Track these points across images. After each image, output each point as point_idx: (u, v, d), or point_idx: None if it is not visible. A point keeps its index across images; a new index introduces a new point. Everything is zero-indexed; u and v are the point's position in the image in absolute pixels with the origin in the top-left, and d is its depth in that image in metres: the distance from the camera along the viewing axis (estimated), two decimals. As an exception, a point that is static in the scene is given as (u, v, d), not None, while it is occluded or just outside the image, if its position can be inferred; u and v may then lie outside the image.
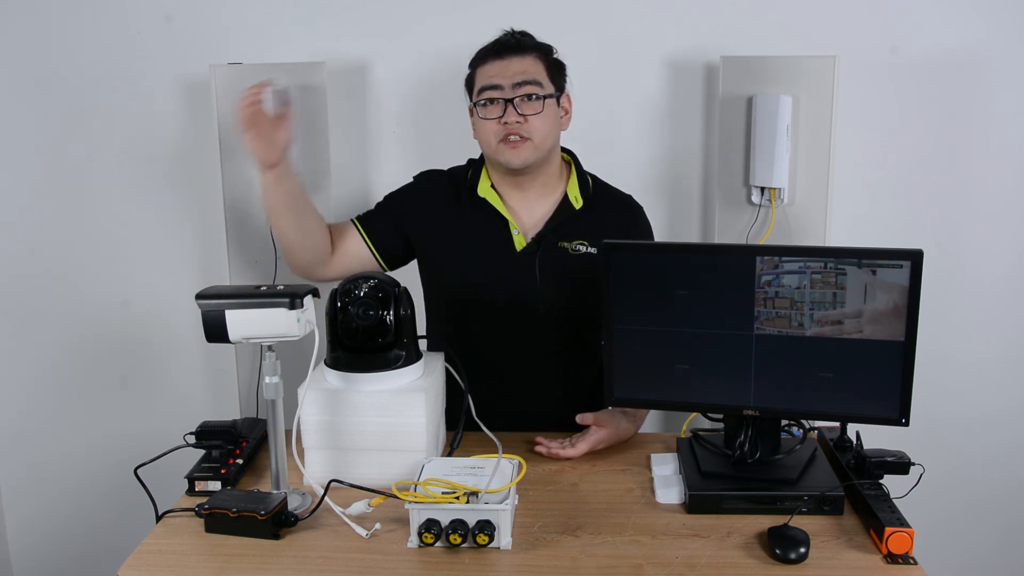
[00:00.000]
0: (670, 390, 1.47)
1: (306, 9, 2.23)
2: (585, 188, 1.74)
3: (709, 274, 1.40)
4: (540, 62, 1.67)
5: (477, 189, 1.74)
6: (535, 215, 1.73)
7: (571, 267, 1.70)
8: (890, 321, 1.32)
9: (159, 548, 1.31)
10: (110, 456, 2.46)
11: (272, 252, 2.18)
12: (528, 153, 1.64)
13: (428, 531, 1.26)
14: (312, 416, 1.45)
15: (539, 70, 1.65)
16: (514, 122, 1.62)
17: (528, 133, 1.63)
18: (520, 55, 1.65)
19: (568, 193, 1.73)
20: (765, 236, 2.11)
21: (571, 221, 1.71)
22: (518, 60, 1.65)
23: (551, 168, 1.73)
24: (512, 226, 1.72)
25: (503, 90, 1.63)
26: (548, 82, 1.66)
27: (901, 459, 1.44)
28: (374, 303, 1.46)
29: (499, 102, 1.63)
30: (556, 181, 1.75)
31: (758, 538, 1.30)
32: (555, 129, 1.68)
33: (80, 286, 2.39)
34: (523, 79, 1.63)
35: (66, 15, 2.25)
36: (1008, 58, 2.15)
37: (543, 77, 1.65)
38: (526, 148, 1.64)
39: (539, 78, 1.64)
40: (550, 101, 1.65)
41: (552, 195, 1.74)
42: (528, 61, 1.65)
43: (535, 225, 1.73)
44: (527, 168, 1.67)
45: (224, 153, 2.14)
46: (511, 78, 1.63)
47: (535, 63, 1.66)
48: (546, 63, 1.68)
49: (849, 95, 2.11)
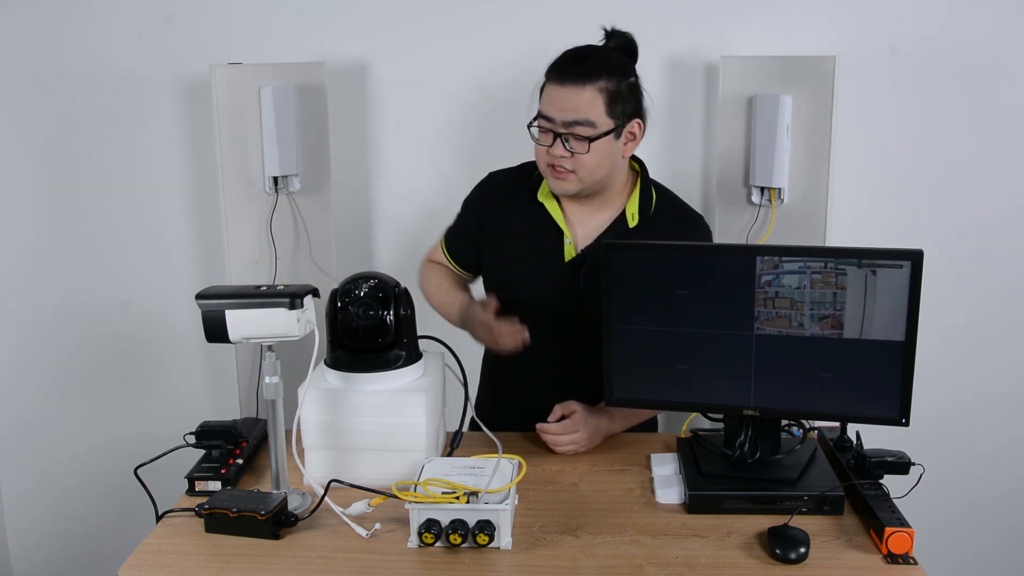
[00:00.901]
0: (670, 390, 1.47)
1: (306, 9, 2.23)
2: (646, 205, 1.69)
3: (709, 274, 1.40)
4: (600, 96, 1.55)
5: (537, 193, 1.71)
6: (589, 228, 1.70)
7: None
8: (890, 321, 1.32)
9: (159, 548, 1.31)
10: (110, 456, 2.46)
11: (272, 252, 2.19)
12: (571, 185, 1.61)
13: (428, 531, 1.26)
14: (312, 416, 1.45)
15: (596, 106, 1.55)
16: (559, 156, 1.58)
17: (574, 167, 1.58)
18: (580, 86, 1.54)
19: (627, 209, 1.69)
20: (765, 236, 2.11)
21: (623, 238, 1.66)
22: (576, 93, 1.55)
23: (612, 189, 1.68)
24: (566, 235, 1.69)
25: (555, 123, 1.56)
26: (605, 118, 1.56)
27: (901, 459, 1.44)
28: (374, 303, 1.46)
29: (549, 133, 1.58)
30: (618, 196, 1.70)
31: (758, 538, 1.30)
32: (606, 162, 1.60)
33: (80, 286, 2.39)
34: (575, 118, 1.55)
35: (66, 15, 2.25)
36: (1008, 58, 2.16)
37: (599, 115, 1.55)
38: (570, 181, 1.60)
39: (593, 117, 1.55)
40: (603, 139, 1.57)
41: (610, 209, 1.70)
42: (587, 96, 1.55)
43: (587, 238, 1.69)
44: (576, 195, 1.66)
45: (224, 153, 2.14)
46: (564, 113, 1.55)
47: (594, 98, 1.55)
48: (608, 96, 1.56)
49: (849, 95, 2.11)
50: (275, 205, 2.17)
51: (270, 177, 2.15)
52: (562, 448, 1.60)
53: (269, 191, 2.17)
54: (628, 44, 1.65)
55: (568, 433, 1.60)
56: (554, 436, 1.59)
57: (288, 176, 2.16)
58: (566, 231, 1.69)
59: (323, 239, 2.22)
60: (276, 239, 2.18)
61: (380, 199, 2.34)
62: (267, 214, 2.17)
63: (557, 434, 1.59)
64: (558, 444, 1.60)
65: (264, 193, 2.17)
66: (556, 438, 1.59)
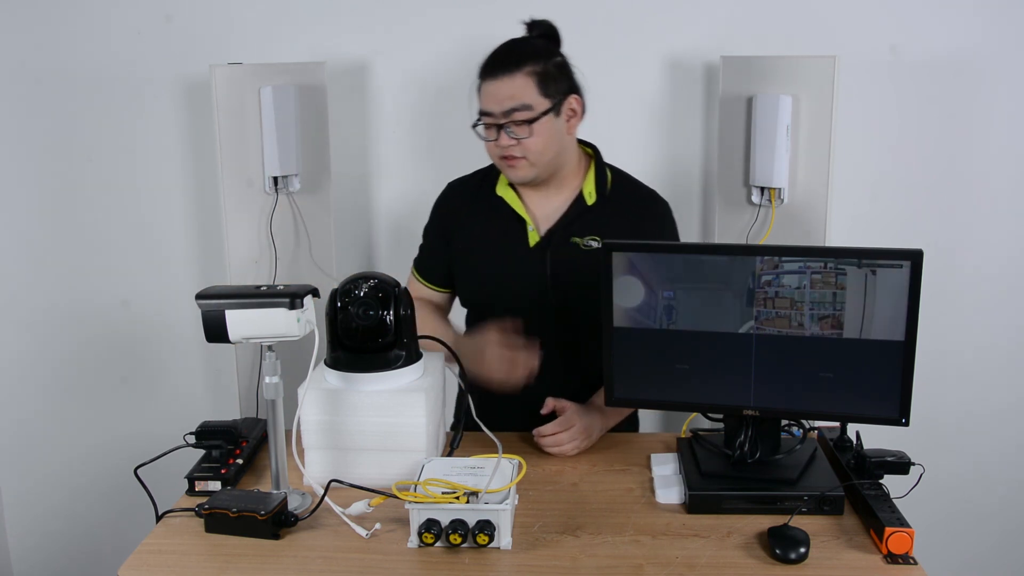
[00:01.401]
0: (670, 390, 1.47)
1: (306, 9, 2.23)
2: (602, 183, 1.74)
3: (709, 274, 1.40)
4: (532, 79, 1.62)
5: (496, 188, 1.77)
6: (549, 211, 1.75)
7: (582, 263, 1.70)
8: (890, 321, 1.32)
9: (159, 548, 1.31)
10: (110, 456, 2.46)
11: (272, 252, 2.19)
12: (525, 171, 1.67)
13: (428, 531, 1.26)
14: (312, 416, 1.45)
15: (529, 90, 1.62)
16: (507, 145, 1.65)
17: (522, 153, 1.64)
18: (511, 73, 1.62)
19: (583, 189, 1.74)
20: (765, 236, 2.11)
21: (583, 217, 1.72)
22: (508, 82, 1.62)
23: (565, 170, 1.73)
24: (528, 223, 1.74)
25: (495, 116, 1.64)
26: (541, 99, 1.62)
27: (901, 459, 1.44)
28: (374, 303, 1.46)
29: (492, 128, 1.66)
30: (573, 177, 1.75)
31: (758, 538, 1.30)
32: (554, 141, 1.66)
33: (80, 286, 2.39)
34: (511, 105, 1.61)
35: (66, 15, 2.25)
36: (1008, 59, 2.16)
37: (534, 97, 1.62)
38: (523, 167, 1.67)
39: (528, 100, 1.61)
40: (543, 119, 1.63)
41: (567, 190, 1.75)
42: (518, 82, 1.62)
43: (548, 220, 1.74)
44: (532, 181, 1.70)
45: (224, 153, 2.14)
46: (500, 104, 1.62)
47: (525, 82, 1.62)
48: (539, 78, 1.63)
49: (849, 95, 2.11)
50: (275, 205, 2.17)
51: (270, 177, 2.15)
52: (563, 448, 1.60)
53: (269, 191, 2.17)
54: (549, 30, 1.72)
55: (566, 430, 1.60)
56: (554, 437, 1.59)
57: (288, 176, 2.16)
58: (527, 218, 1.74)
59: (323, 239, 2.22)
60: (276, 239, 2.18)
61: (380, 199, 2.34)
62: (267, 214, 2.17)
63: (556, 433, 1.60)
64: (560, 444, 1.60)
65: (264, 193, 2.17)
66: (557, 438, 1.59)
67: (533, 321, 1.72)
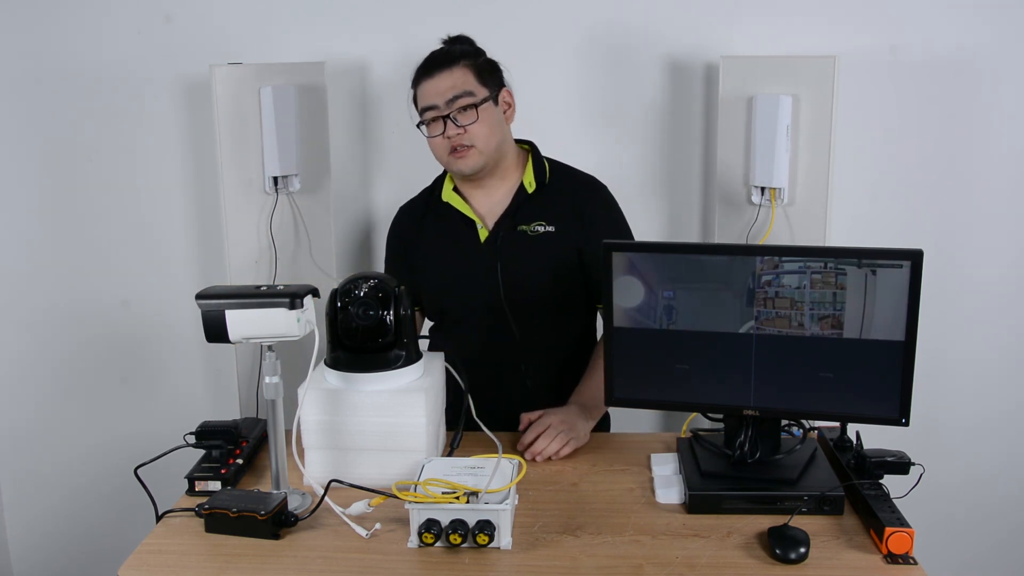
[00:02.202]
0: (670, 390, 1.47)
1: (306, 9, 2.23)
2: (540, 173, 1.81)
3: (709, 274, 1.40)
4: (469, 71, 1.73)
5: (441, 195, 1.83)
6: (494, 207, 1.81)
7: (532, 248, 1.76)
8: (890, 321, 1.32)
9: (159, 548, 1.31)
10: (110, 456, 2.46)
11: (272, 252, 2.19)
12: (475, 159, 1.73)
13: (428, 531, 1.26)
14: (312, 416, 1.45)
15: (468, 79, 1.72)
16: (455, 135, 1.70)
17: (471, 141, 1.71)
18: (449, 68, 1.71)
19: (523, 180, 1.80)
20: (765, 236, 2.11)
21: (527, 204, 1.78)
22: (447, 75, 1.71)
23: (506, 162, 1.80)
24: (477, 222, 1.79)
25: (439, 108, 1.71)
26: (480, 87, 1.72)
27: (901, 459, 1.44)
28: (374, 303, 1.46)
29: (439, 120, 1.71)
30: (513, 172, 1.82)
31: (758, 538, 1.30)
32: (497, 129, 1.75)
33: (80, 286, 2.39)
34: (454, 94, 1.70)
35: (66, 15, 2.25)
36: (1008, 58, 2.15)
37: (473, 85, 1.72)
38: (472, 155, 1.72)
39: (469, 88, 1.71)
40: (485, 106, 1.72)
41: (508, 182, 1.81)
42: (457, 74, 1.71)
43: (494, 215, 1.80)
44: (480, 171, 1.75)
45: (224, 153, 2.14)
46: (443, 95, 1.70)
47: (464, 73, 1.72)
48: (475, 70, 1.73)
49: (849, 95, 2.11)
50: (275, 205, 2.17)
51: (270, 177, 2.14)
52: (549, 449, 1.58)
53: (269, 191, 2.17)
54: (469, 41, 1.80)
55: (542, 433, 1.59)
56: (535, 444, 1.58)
57: (288, 176, 2.16)
58: (475, 218, 1.80)
59: (323, 239, 2.22)
60: (276, 239, 2.18)
61: (380, 199, 2.34)
62: (267, 214, 2.17)
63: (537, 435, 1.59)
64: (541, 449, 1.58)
65: (264, 193, 2.17)
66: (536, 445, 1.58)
67: (494, 317, 1.75)
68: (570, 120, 2.25)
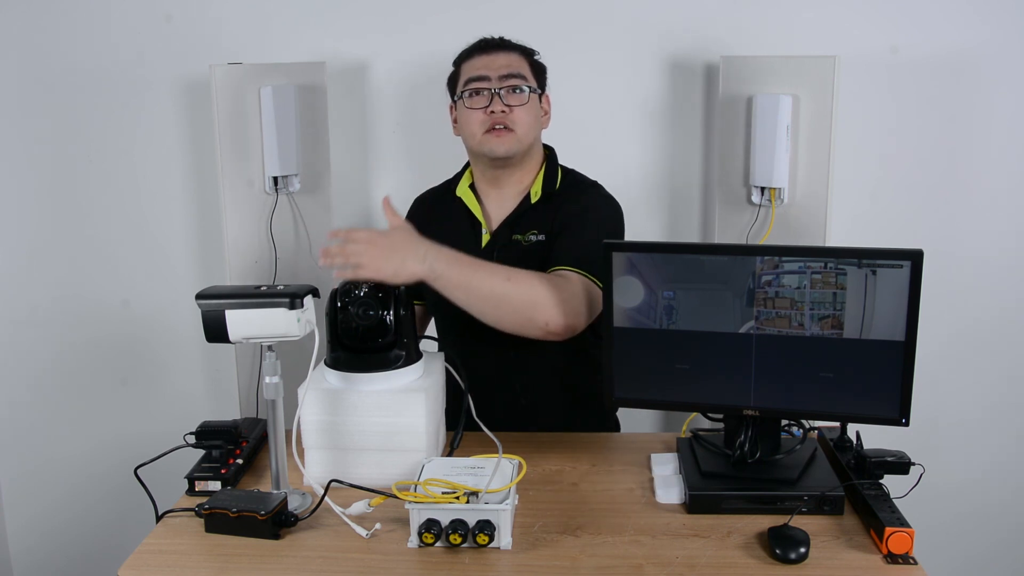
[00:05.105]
0: (670, 390, 1.47)
1: (306, 9, 2.23)
2: (551, 182, 1.77)
3: (709, 274, 1.40)
4: (524, 59, 1.74)
5: (456, 190, 1.80)
6: (502, 212, 1.78)
7: (524, 258, 1.71)
8: (890, 321, 1.32)
9: (159, 548, 1.31)
10: (110, 456, 2.46)
11: (272, 252, 2.19)
12: (511, 144, 1.69)
13: (428, 531, 1.26)
14: (312, 416, 1.45)
15: (524, 66, 1.73)
16: (500, 111, 1.67)
17: (512, 124, 1.68)
18: (506, 51, 1.73)
19: (532, 188, 1.77)
20: (765, 236, 2.11)
21: (526, 215, 1.75)
22: (504, 55, 1.72)
23: (529, 164, 1.77)
24: (482, 225, 1.77)
25: (490, 81, 1.68)
26: (532, 78, 1.73)
27: (901, 459, 1.44)
28: (374, 303, 1.46)
29: (485, 93, 1.68)
30: (528, 176, 1.79)
31: (758, 538, 1.30)
32: (537, 124, 1.74)
33: (80, 286, 2.39)
34: (509, 72, 1.69)
35: (66, 15, 2.25)
36: (1008, 58, 2.16)
37: (528, 73, 1.73)
38: (510, 139, 1.69)
39: (524, 72, 1.72)
40: (534, 96, 1.72)
41: (520, 190, 1.78)
42: (515, 57, 1.73)
43: (499, 221, 1.78)
44: (509, 159, 1.71)
45: (224, 153, 2.14)
46: (498, 70, 1.69)
47: (520, 59, 1.73)
48: (529, 62, 1.75)
49: (849, 95, 2.11)
50: (275, 205, 2.17)
51: (270, 177, 2.15)
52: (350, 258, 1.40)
53: (269, 191, 2.17)
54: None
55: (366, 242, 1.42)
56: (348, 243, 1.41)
57: (288, 176, 2.16)
58: (482, 220, 1.77)
59: (323, 239, 2.22)
60: (276, 239, 2.18)
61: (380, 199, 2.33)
62: (267, 214, 2.17)
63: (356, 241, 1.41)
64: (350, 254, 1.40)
65: (264, 193, 2.17)
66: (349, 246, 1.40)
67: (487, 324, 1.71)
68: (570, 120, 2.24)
